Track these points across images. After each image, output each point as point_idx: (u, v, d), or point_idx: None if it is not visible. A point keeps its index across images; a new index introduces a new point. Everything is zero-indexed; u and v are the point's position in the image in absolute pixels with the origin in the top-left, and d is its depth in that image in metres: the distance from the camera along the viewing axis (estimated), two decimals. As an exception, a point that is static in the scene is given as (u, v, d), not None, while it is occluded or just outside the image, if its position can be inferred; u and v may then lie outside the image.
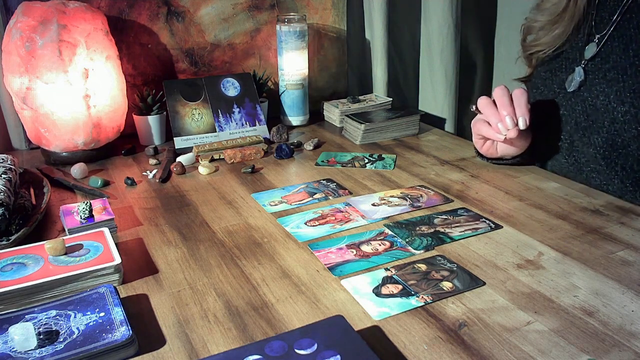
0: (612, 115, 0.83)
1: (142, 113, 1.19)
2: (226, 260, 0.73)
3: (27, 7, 1.02)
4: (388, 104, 1.36)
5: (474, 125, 0.95)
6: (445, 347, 0.55)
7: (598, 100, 0.85)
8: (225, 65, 1.33)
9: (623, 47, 0.84)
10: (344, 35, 1.44)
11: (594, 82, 0.87)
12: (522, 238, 0.76)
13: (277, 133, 1.21)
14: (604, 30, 0.88)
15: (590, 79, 0.88)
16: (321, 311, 0.61)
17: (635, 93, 0.81)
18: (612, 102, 0.83)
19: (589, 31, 0.90)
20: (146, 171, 1.05)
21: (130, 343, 0.55)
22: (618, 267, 0.68)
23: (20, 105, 1.05)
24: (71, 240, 0.72)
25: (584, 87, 0.89)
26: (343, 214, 0.84)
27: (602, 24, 0.89)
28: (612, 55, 0.85)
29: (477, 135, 0.96)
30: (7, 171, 0.87)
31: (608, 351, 0.54)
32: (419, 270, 0.68)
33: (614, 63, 0.84)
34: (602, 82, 0.85)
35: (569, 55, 0.93)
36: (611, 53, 0.86)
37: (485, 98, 0.90)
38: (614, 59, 0.85)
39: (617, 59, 0.84)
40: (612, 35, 0.86)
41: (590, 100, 0.87)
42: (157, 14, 1.23)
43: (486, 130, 0.91)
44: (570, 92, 0.90)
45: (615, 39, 0.86)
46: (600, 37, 0.88)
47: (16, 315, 0.59)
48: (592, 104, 0.86)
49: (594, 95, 0.86)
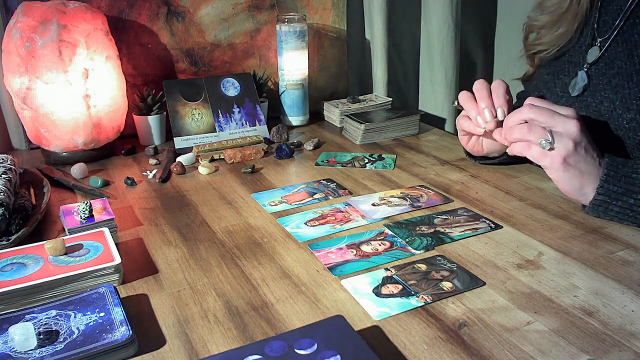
0: (617, 121, 0.82)
1: (142, 113, 1.19)
2: (226, 260, 0.73)
3: (27, 7, 1.02)
4: (388, 104, 1.36)
5: (457, 122, 0.94)
6: (445, 347, 0.55)
7: (602, 106, 0.84)
8: (225, 65, 1.33)
9: (628, 52, 0.83)
10: (344, 35, 1.44)
11: (598, 88, 0.86)
12: (522, 238, 0.76)
13: (277, 133, 1.21)
14: (606, 34, 0.87)
15: (595, 83, 0.87)
16: (321, 311, 0.62)
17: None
18: (617, 108, 0.82)
19: (592, 34, 0.90)
20: (146, 171, 1.05)
21: (130, 343, 0.55)
22: (618, 267, 0.68)
23: (20, 105, 1.05)
24: (71, 240, 0.72)
25: (588, 91, 0.87)
26: (343, 214, 0.84)
27: (605, 28, 0.88)
28: (616, 61, 0.84)
29: (461, 131, 0.95)
30: (7, 171, 0.87)
31: (608, 351, 0.54)
32: (419, 270, 0.68)
33: (619, 69, 0.83)
34: (606, 88, 0.84)
35: (572, 58, 0.92)
36: (615, 59, 0.85)
37: (466, 92, 0.90)
38: (619, 65, 0.84)
39: (621, 65, 0.83)
40: (616, 40, 0.85)
41: (594, 106, 0.86)
42: (157, 14, 1.23)
43: (467, 124, 0.90)
44: (574, 97, 0.89)
45: (619, 44, 0.85)
46: (603, 41, 0.87)
47: (16, 315, 0.59)
48: (597, 110, 0.85)
49: (598, 100, 0.85)
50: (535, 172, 0.98)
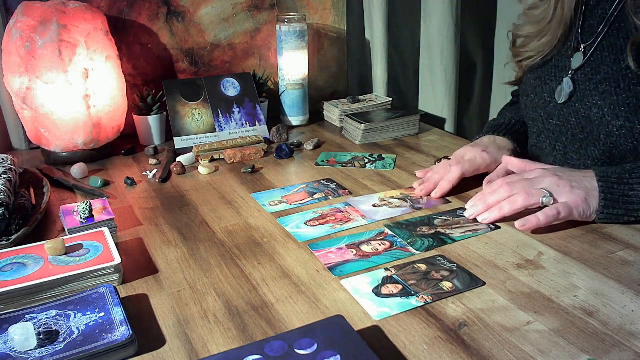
0: (607, 128, 0.82)
1: (142, 113, 1.19)
2: (226, 260, 0.73)
3: (27, 7, 1.02)
4: (388, 104, 1.36)
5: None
6: (445, 347, 0.55)
7: (591, 113, 0.84)
8: (225, 65, 1.33)
9: (614, 58, 0.82)
10: (344, 35, 1.44)
11: (585, 94, 0.85)
12: (522, 238, 0.76)
13: (277, 133, 1.21)
14: (590, 40, 0.87)
15: (582, 89, 0.86)
16: (321, 311, 0.61)
17: (629, 107, 0.79)
18: (606, 115, 0.82)
19: (576, 39, 0.89)
20: (146, 171, 1.05)
21: (130, 343, 0.55)
22: (618, 267, 0.68)
23: (20, 105, 1.05)
24: (71, 240, 0.72)
25: (575, 97, 0.87)
26: (343, 214, 0.84)
27: (590, 32, 0.87)
28: (602, 66, 0.84)
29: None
30: (7, 171, 0.87)
31: (608, 351, 0.54)
32: (419, 270, 0.68)
33: (605, 75, 0.83)
34: (594, 94, 0.84)
35: (559, 63, 0.91)
36: (601, 64, 0.84)
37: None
38: (605, 71, 0.83)
39: (608, 71, 0.83)
40: (602, 45, 0.84)
41: (583, 112, 0.85)
42: (157, 14, 1.23)
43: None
44: (562, 103, 0.89)
45: (605, 49, 0.84)
46: (587, 47, 0.86)
47: (16, 315, 0.59)
48: (586, 116, 0.85)
49: (587, 107, 0.85)
50: (535, 172, 0.98)
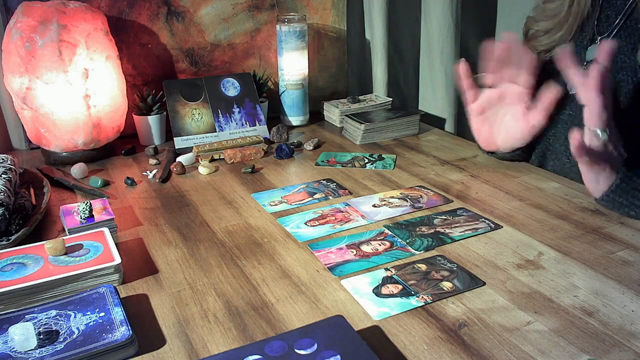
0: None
1: (142, 113, 1.19)
2: (226, 260, 0.73)
3: (27, 7, 1.02)
4: (388, 104, 1.36)
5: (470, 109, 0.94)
6: (445, 347, 0.55)
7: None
8: (225, 65, 1.33)
9: (631, 47, 0.82)
10: (344, 35, 1.44)
11: None
12: (522, 238, 0.76)
13: (277, 133, 1.21)
14: (606, 32, 0.87)
15: None
16: (321, 311, 0.61)
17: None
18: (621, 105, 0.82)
19: (592, 31, 0.89)
20: (146, 171, 1.05)
21: (130, 343, 0.55)
22: (618, 267, 0.68)
23: (20, 105, 1.05)
24: (71, 240, 0.72)
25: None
26: (343, 214, 0.84)
27: (607, 23, 0.87)
28: (619, 55, 0.84)
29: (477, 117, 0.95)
30: (7, 171, 0.87)
31: (608, 351, 0.54)
32: (419, 270, 0.68)
33: (622, 64, 0.83)
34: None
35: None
36: (618, 53, 0.84)
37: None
38: (622, 59, 0.83)
39: (625, 59, 0.83)
40: (619, 35, 0.85)
41: None
42: (157, 14, 1.23)
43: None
44: (574, 94, 0.89)
45: (622, 39, 0.84)
46: (603, 40, 0.87)
47: (16, 315, 0.59)
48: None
49: None
50: (535, 172, 0.98)
